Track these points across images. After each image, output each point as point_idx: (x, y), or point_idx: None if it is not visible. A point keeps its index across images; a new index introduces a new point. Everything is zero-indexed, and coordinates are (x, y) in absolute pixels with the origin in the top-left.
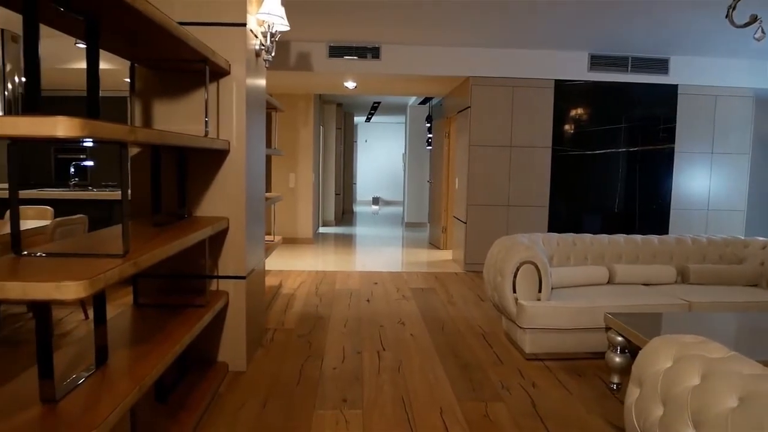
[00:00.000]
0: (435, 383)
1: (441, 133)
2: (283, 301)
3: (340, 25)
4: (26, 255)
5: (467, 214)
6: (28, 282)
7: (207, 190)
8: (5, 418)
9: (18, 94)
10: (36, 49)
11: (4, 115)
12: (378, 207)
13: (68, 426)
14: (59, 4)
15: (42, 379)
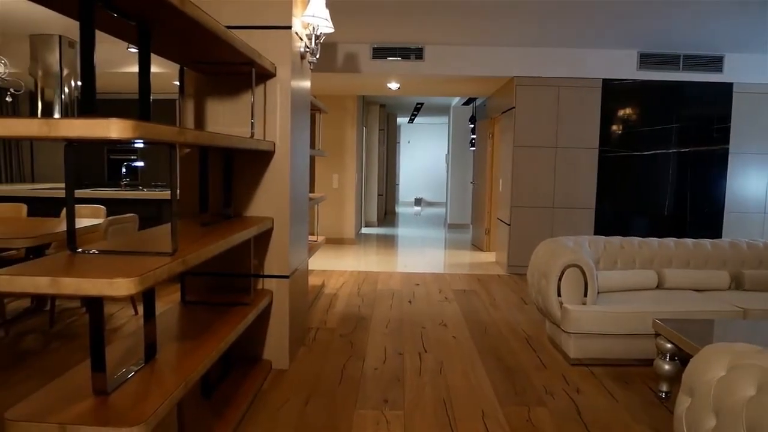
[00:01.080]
0: (477, 386)
1: (485, 133)
2: (326, 301)
3: (383, 26)
4: (81, 252)
5: (511, 215)
6: (83, 278)
7: (252, 191)
8: (61, 408)
9: (74, 97)
10: (91, 54)
11: (62, 118)
12: (420, 208)
13: (119, 418)
14: (113, 10)
15: (95, 372)
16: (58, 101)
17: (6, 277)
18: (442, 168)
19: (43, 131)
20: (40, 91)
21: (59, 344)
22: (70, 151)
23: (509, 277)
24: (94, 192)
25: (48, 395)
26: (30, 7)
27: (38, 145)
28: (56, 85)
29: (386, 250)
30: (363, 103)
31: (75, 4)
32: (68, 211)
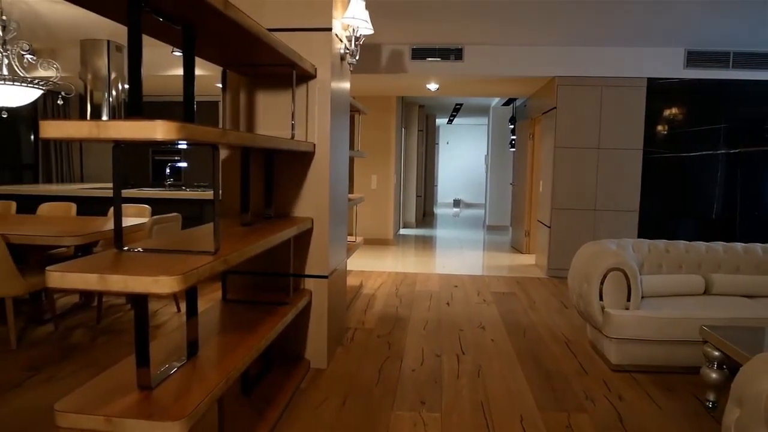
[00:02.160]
0: (515, 390)
1: (525, 134)
2: (364, 301)
3: (423, 27)
4: (127, 250)
5: (551, 217)
6: (129, 276)
7: (292, 191)
8: (107, 401)
9: (121, 100)
10: (139, 58)
11: (110, 120)
12: (459, 209)
13: (162, 412)
14: (159, 14)
15: (139, 368)
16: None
17: (58, 274)
18: (481, 169)
19: (92, 133)
20: (89, 94)
21: (105, 339)
22: (117, 152)
23: (549, 280)
24: (140, 192)
25: (95, 388)
26: (81, 13)
27: (87, 147)
28: (104, 88)
29: (424, 251)
30: (402, 104)
31: (123, 10)
32: (115, 210)
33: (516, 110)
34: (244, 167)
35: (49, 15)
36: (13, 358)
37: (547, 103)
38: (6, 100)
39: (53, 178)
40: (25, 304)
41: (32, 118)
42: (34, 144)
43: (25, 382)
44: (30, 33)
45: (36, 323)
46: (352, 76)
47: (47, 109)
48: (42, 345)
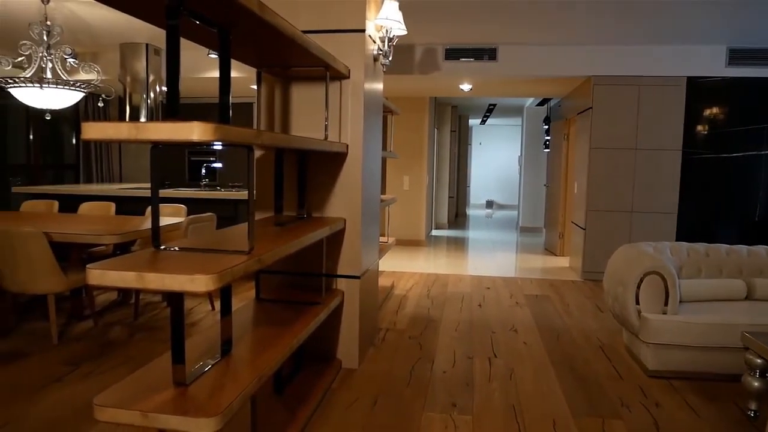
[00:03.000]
0: (548, 394)
1: (559, 135)
2: (395, 302)
3: (456, 28)
4: (164, 249)
5: (586, 219)
6: (166, 274)
7: (325, 192)
8: (144, 397)
9: (159, 102)
10: (177, 61)
11: (148, 121)
12: (492, 210)
13: (197, 408)
14: (196, 18)
15: (175, 365)
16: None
17: (98, 272)
18: (515, 170)
19: (132, 134)
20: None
21: (142, 336)
22: (155, 153)
23: (584, 283)
24: (176, 192)
25: (132, 384)
26: (121, 18)
27: (125, 148)
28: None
29: (456, 252)
30: (435, 105)
31: (162, 13)
32: (153, 210)
33: (550, 110)
34: (278, 168)
35: (91, 19)
36: (54, 353)
37: (582, 103)
38: (50, 102)
39: (93, 178)
40: (66, 301)
41: (74, 119)
42: (75, 145)
43: (66, 377)
44: (72, 37)
45: (76, 319)
46: (384, 76)
47: (88, 111)
48: (82, 341)
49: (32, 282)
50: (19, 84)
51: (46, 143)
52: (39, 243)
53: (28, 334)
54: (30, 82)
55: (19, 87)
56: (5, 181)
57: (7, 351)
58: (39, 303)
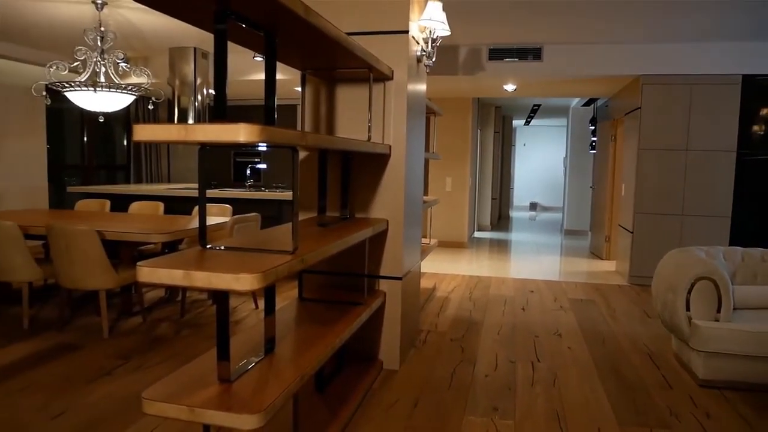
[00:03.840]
0: (593, 401)
1: (606, 136)
2: (437, 304)
3: (500, 28)
4: (210, 248)
5: (634, 222)
6: (212, 273)
7: (368, 193)
8: (190, 392)
9: (206, 104)
10: (224, 64)
11: (196, 123)
12: (535, 213)
13: (241, 405)
14: (243, 21)
15: (220, 361)
16: (191, 108)
17: (148, 269)
18: (559, 171)
19: (180, 135)
20: (176, 99)
21: (188, 332)
22: (203, 154)
23: (631, 287)
24: (222, 192)
25: (178, 379)
26: (171, 23)
27: (173, 149)
28: (190, 93)
29: (499, 255)
30: (478, 105)
31: (210, 18)
32: (200, 209)
33: (597, 111)
34: (322, 169)
35: (142, 25)
36: (105, 347)
37: (630, 103)
38: (103, 105)
39: (143, 178)
40: (117, 297)
41: (125, 122)
42: (126, 146)
43: (115, 370)
44: (125, 42)
45: (126, 315)
46: (428, 77)
47: (139, 113)
48: (131, 336)
49: (85, 278)
50: (75, 88)
51: (99, 145)
52: (92, 241)
53: (81, 328)
54: (84, 85)
55: (74, 90)
56: (61, 180)
57: (62, 344)
58: (91, 299)
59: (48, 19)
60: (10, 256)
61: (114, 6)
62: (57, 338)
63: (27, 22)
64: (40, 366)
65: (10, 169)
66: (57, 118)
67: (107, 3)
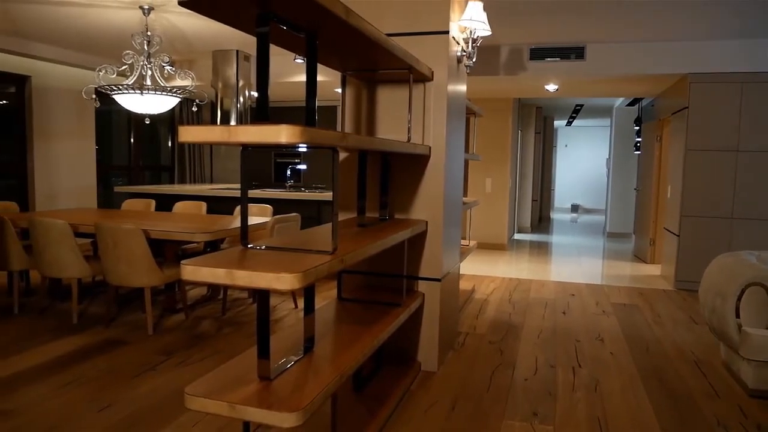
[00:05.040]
0: (636, 409)
1: (651, 136)
2: (476, 306)
3: (541, 27)
4: (251, 248)
5: (680, 225)
6: (254, 272)
7: (407, 194)
8: (231, 389)
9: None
10: (267, 66)
11: (238, 125)
12: (577, 215)
13: (280, 403)
14: (284, 24)
15: (260, 359)
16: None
17: (191, 268)
18: (602, 173)
19: (224, 137)
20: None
21: (229, 330)
22: (245, 155)
23: (676, 292)
24: (262, 192)
25: (220, 376)
26: (214, 26)
27: (216, 150)
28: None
29: (540, 257)
30: (518, 106)
31: (253, 22)
32: (242, 209)
33: (642, 111)
34: (361, 170)
35: (186, 28)
36: (149, 343)
37: (677, 102)
38: (149, 107)
39: (187, 178)
40: (161, 294)
41: (170, 123)
42: (171, 147)
43: (159, 365)
44: (170, 46)
45: (169, 312)
46: (468, 78)
47: (183, 115)
48: (174, 332)
49: (131, 275)
50: (122, 91)
51: (145, 146)
52: (138, 239)
53: (127, 324)
54: (132, 88)
55: (122, 93)
56: (109, 181)
57: (109, 339)
58: (137, 295)
59: (97, 25)
60: (61, 253)
61: (160, 11)
62: (104, 333)
63: (78, 27)
64: (88, 360)
65: (63, 170)
66: (105, 121)
67: (154, 8)
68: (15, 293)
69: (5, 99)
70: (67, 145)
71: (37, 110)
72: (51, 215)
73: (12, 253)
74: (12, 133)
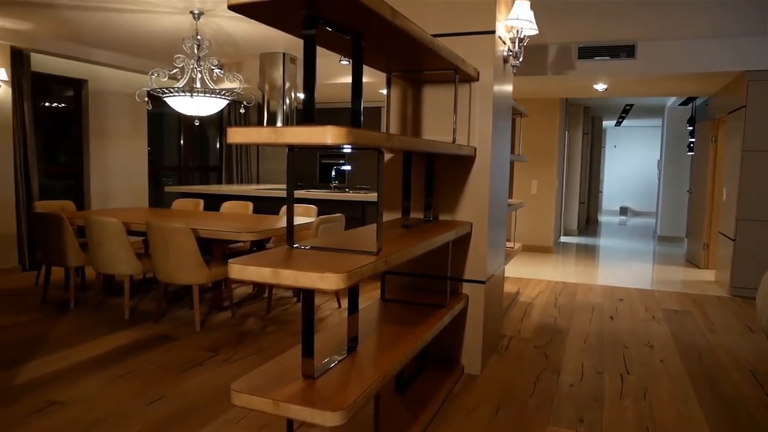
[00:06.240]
0: (688, 419)
1: (706, 137)
2: (520, 310)
3: (590, 25)
4: (297, 247)
5: (737, 229)
6: (299, 271)
7: (452, 195)
8: (275, 387)
9: (293, 107)
10: (314, 68)
11: (285, 126)
12: (626, 217)
13: (324, 402)
14: (330, 26)
15: (304, 358)
16: (280, 111)
17: (238, 266)
18: (653, 175)
19: (271, 138)
20: (266, 103)
21: (274, 328)
22: (291, 156)
23: (732, 299)
24: (307, 192)
25: (265, 373)
26: (262, 29)
27: (262, 151)
28: (279, 97)
29: (586, 260)
30: (566, 106)
31: (299, 24)
32: (288, 210)
33: (696, 110)
34: (406, 170)
35: (235, 32)
36: (196, 339)
37: (733, 101)
38: (198, 109)
39: (234, 179)
40: (208, 292)
41: (218, 125)
42: (219, 148)
43: (206, 361)
44: (219, 49)
45: (216, 309)
46: (514, 78)
47: (231, 117)
48: (220, 329)
49: (180, 273)
50: (173, 93)
51: (194, 147)
52: (187, 238)
53: (176, 320)
54: (182, 91)
55: (173, 96)
56: (160, 181)
57: (159, 334)
58: (185, 293)
59: (150, 30)
60: (114, 250)
61: (210, 15)
62: (154, 329)
63: (132, 33)
64: (138, 354)
65: (116, 170)
66: (157, 122)
67: (204, 13)
68: (71, 288)
69: (64, 102)
70: (120, 146)
71: (93, 113)
72: (105, 214)
73: (69, 250)
74: (70, 135)
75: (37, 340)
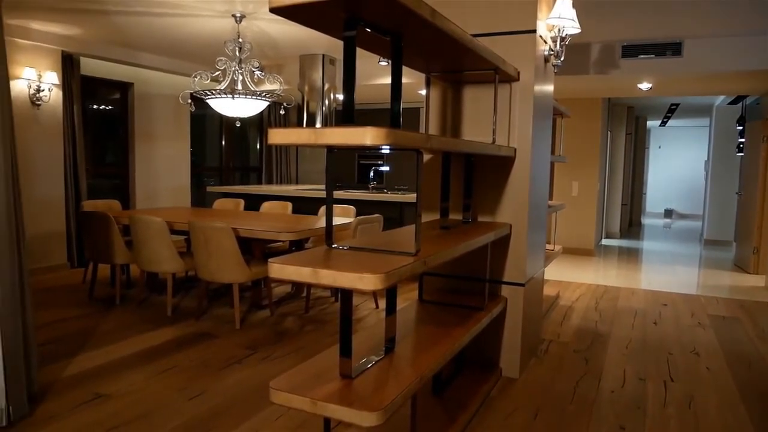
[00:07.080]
0: (736, 429)
1: (757, 137)
2: (560, 313)
3: (634, 22)
4: (335, 247)
5: None
6: (338, 272)
7: (491, 196)
8: (313, 385)
9: (332, 108)
10: (353, 70)
11: (324, 127)
12: (670, 220)
13: (361, 402)
14: (370, 27)
15: (342, 357)
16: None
17: (278, 266)
18: (699, 176)
19: (311, 139)
20: (305, 104)
21: (312, 328)
22: (331, 157)
23: None
24: (345, 193)
25: (303, 372)
26: (302, 31)
27: (301, 152)
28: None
29: (629, 264)
30: (608, 106)
31: (340, 26)
32: (327, 210)
33: (746, 109)
34: (445, 171)
35: (275, 34)
36: (236, 337)
37: None
38: (240, 111)
39: (273, 179)
40: (248, 290)
41: (259, 126)
42: (259, 149)
43: (245, 359)
44: (260, 51)
45: (255, 308)
46: (555, 77)
47: (271, 118)
48: (259, 327)
49: (221, 272)
50: (215, 95)
51: (236, 148)
52: (228, 237)
53: (217, 318)
54: (224, 93)
55: (215, 98)
56: (202, 181)
57: (200, 331)
58: (226, 291)
59: (193, 33)
60: (157, 249)
61: (251, 18)
62: (195, 326)
63: (175, 36)
64: (180, 350)
65: (160, 170)
66: (199, 124)
67: (245, 16)
68: (117, 285)
69: (111, 104)
70: (164, 147)
71: (139, 115)
72: (149, 213)
73: (115, 248)
74: (116, 136)
75: (84, 335)
